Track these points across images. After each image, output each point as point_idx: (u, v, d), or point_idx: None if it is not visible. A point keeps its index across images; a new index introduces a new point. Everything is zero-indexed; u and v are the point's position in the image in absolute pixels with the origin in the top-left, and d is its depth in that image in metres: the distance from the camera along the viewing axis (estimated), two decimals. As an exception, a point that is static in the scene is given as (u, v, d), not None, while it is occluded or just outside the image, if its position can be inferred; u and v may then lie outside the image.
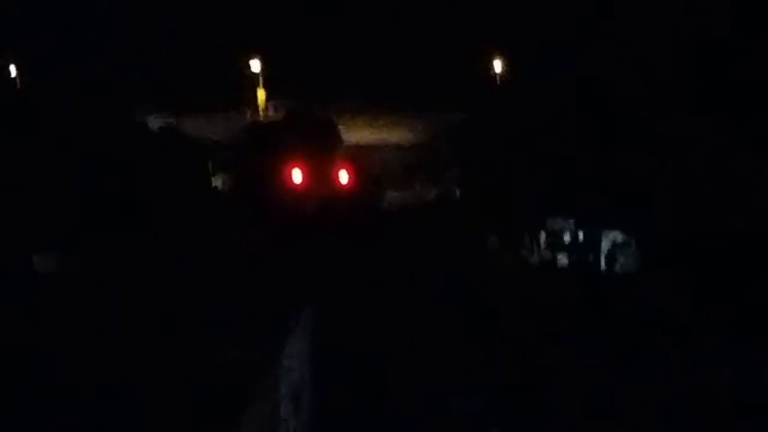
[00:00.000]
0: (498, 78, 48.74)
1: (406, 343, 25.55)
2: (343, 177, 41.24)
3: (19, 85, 43.52)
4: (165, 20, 46.49)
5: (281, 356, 24.32)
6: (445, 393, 22.04)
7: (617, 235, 38.96)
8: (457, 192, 46.47)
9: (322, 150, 43.32)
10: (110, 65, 43.30)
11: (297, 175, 39.97)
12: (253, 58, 50.16)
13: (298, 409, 21.78)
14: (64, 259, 32.64)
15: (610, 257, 39.16)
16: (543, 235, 41.19)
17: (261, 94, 51.27)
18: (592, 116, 38.98)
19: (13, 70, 44.03)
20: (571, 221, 40.04)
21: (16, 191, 32.84)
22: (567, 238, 40.38)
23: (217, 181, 43.48)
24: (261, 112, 51.37)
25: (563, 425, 21.40)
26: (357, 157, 45.15)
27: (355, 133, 47.77)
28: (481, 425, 20.46)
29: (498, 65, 48.52)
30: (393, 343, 25.40)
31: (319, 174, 40.92)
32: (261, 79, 51.33)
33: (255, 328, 25.05)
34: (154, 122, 43.81)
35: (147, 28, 45.85)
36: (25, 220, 32.54)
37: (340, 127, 47.27)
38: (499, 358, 25.26)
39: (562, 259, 40.25)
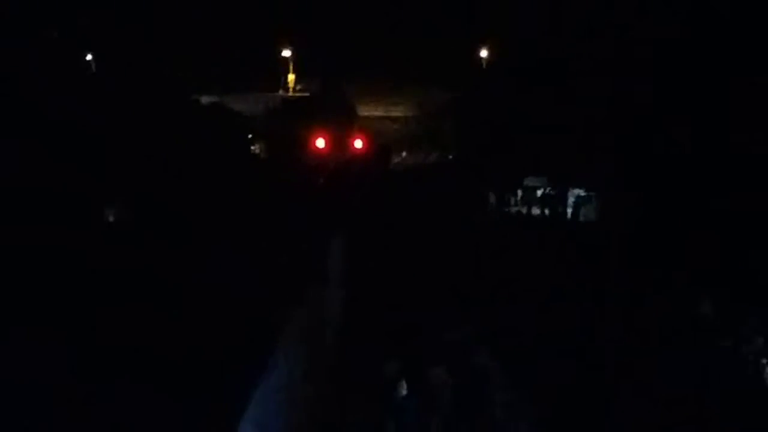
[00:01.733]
0: (484, 63, 49.62)
1: (414, 281, 26.31)
2: (358, 144, 42.61)
3: (94, 69, 43.83)
4: (206, 16, 46.52)
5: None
6: (448, 325, 22.49)
7: (581, 191, 39.51)
8: (450, 157, 47.25)
9: (341, 122, 44.58)
10: (168, 54, 43.29)
11: (321, 142, 41.29)
12: (284, 46, 51.53)
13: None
14: (126, 211, 32.41)
15: (575, 209, 40.11)
16: (519, 192, 41.69)
17: (291, 77, 52.44)
18: (561, 96, 38.27)
19: (89, 56, 44.50)
20: (544, 179, 40.75)
21: (96, 156, 32.36)
22: (539, 193, 40.79)
23: (255, 147, 44.63)
24: (291, 92, 52.63)
25: (532, 344, 22.00)
26: (368, 128, 46.49)
27: (368, 109, 49.02)
28: (472, 345, 21.02)
29: (484, 53, 49.34)
30: (403, 277, 26.28)
31: (339, 141, 42.13)
32: (291, 63, 52.39)
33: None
34: (205, 100, 44.58)
35: (194, 24, 45.71)
36: (100, 180, 31.92)
37: (356, 104, 49.11)
38: (486, 297, 25.69)
39: (535, 210, 40.93)
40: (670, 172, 33.08)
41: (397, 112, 50.70)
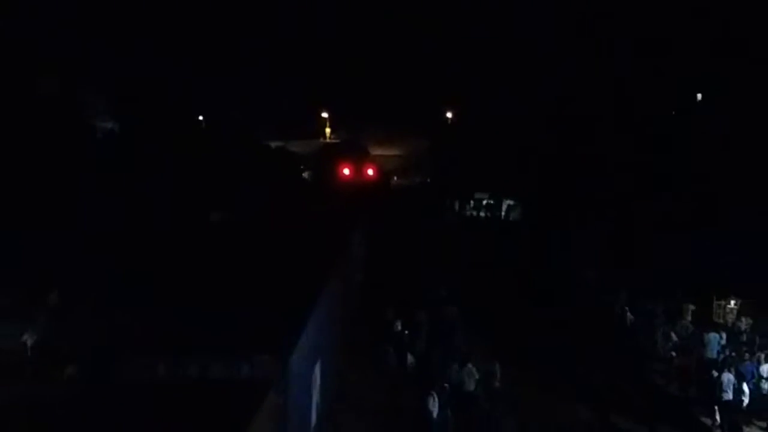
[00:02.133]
0: (449, 120, 53.13)
1: (408, 257, 27.10)
2: (370, 171, 45.41)
3: (204, 125, 45.88)
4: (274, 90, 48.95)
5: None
6: (429, 287, 22.47)
7: (511, 202, 43.42)
8: (428, 180, 50.55)
9: (359, 158, 47.17)
10: (250, 114, 45.89)
11: (346, 171, 44.13)
12: (323, 110, 55.40)
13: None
14: (225, 216, 32.61)
15: (507, 213, 43.72)
16: (471, 203, 45.52)
17: (327, 130, 56.20)
18: (497, 143, 41.29)
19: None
20: (487, 194, 44.57)
21: (206, 179, 32.32)
22: (484, 202, 44.98)
23: (305, 175, 47.64)
24: (327, 140, 55.80)
25: (482, 299, 22.45)
26: (377, 162, 48.86)
27: (375, 150, 51.90)
28: (446, 301, 20.99)
29: (449, 114, 52.90)
30: (399, 252, 27.09)
31: (358, 170, 44.87)
32: (327, 121, 56.10)
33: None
34: (274, 144, 47.11)
35: (267, 93, 47.78)
36: (206, 195, 32.11)
37: (368, 147, 51.29)
38: (457, 268, 26.63)
39: (482, 215, 44.85)
40: (562, 191, 34.71)
41: (393, 152, 53.64)
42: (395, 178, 50.32)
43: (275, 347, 9.67)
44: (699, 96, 30.77)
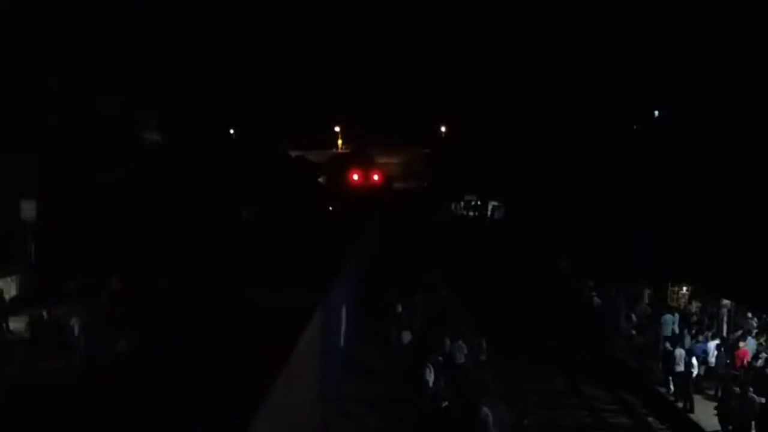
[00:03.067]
0: (443, 134, 52.87)
1: (408, 248, 27.26)
2: (375, 177, 45.14)
3: (234, 137, 44.72)
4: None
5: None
6: (420, 270, 22.60)
7: (495, 203, 43.38)
8: (425, 185, 50.41)
9: (366, 165, 47.22)
10: (272, 129, 45.38)
11: (356, 176, 43.92)
12: (335, 125, 55.48)
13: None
14: (253, 213, 33.58)
15: (492, 212, 43.69)
16: (462, 203, 45.92)
17: (339, 142, 56.28)
18: (484, 154, 40.81)
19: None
20: (475, 195, 44.54)
21: (236, 182, 31.93)
22: (473, 203, 44.95)
23: (321, 179, 47.29)
24: (339, 150, 55.96)
25: (472, 284, 22.62)
26: (381, 169, 48.67)
27: (380, 158, 51.99)
28: (436, 284, 20.93)
29: (443, 128, 52.70)
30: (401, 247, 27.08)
31: (365, 176, 44.64)
32: (339, 134, 56.29)
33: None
34: (293, 154, 47.49)
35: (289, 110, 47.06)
36: (237, 196, 32.28)
37: (374, 156, 51.70)
38: (449, 257, 26.80)
39: (471, 214, 44.88)
40: (539, 193, 33.87)
41: (395, 160, 53.42)
42: (395, 183, 50.41)
43: (320, 286, 10.91)
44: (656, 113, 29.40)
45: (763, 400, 11.16)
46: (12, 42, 20.66)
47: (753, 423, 11.04)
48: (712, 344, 13.89)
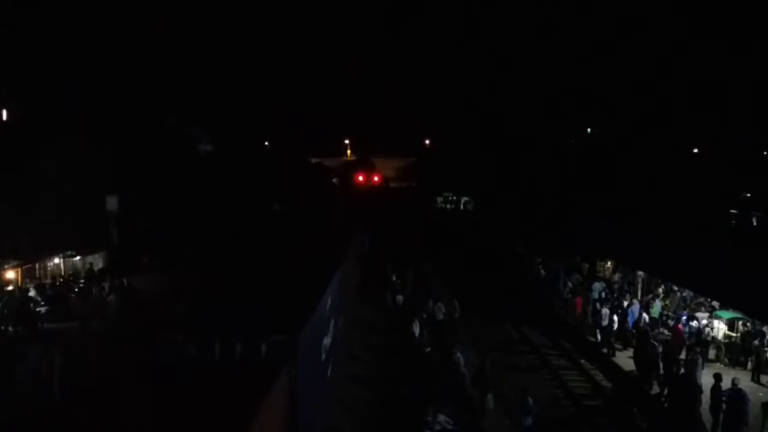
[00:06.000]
0: (427, 145, 52.13)
1: (400, 232, 26.91)
2: (376, 179, 45.39)
3: (267, 147, 42.46)
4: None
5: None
6: (410, 249, 22.70)
7: (467, 198, 42.48)
8: (414, 184, 48.89)
9: (369, 170, 47.30)
10: (297, 141, 43.60)
11: (360, 178, 44.08)
12: (345, 138, 54.60)
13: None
14: (282, 206, 32.09)
15: (464, 205, 42.74)
16: (441, 198, 44.14)
17: (348, 152, 55.20)
18: (457, 161, 40.41)
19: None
20: (451, 192, 43.59)
21: (270, 182, 30.70)
22: (450, 198, 43.71)
23: (334, 180, 46.58)
24: (348, 158, 54.70)
25: (449, 258, 22.48)
26: (380, 172, 48.69)
27: (379, 164, 50.66)
28: (421, 259, 21.20)
29: (427, 141, 51.98)
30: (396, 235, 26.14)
31: (368, 178, 44.75)
32: (348, 146, 55.31)
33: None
34: (313, 160, 45.56)
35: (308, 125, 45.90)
36: (270, 193, 30.89)
37: (375, 163, 50.39)
38: (431, 239, 27.05)
39: (448, 207, 43.46)
40: (501, 190, 33.90)
41: (391, 165, 52.48)
42: (391, 183, 49.48)
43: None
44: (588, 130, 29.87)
45: (661, 348, 11.27)
46: (100, 71, 21.18)
47: (658, 363, 11.08)
48: (635, 308, 13.76)
